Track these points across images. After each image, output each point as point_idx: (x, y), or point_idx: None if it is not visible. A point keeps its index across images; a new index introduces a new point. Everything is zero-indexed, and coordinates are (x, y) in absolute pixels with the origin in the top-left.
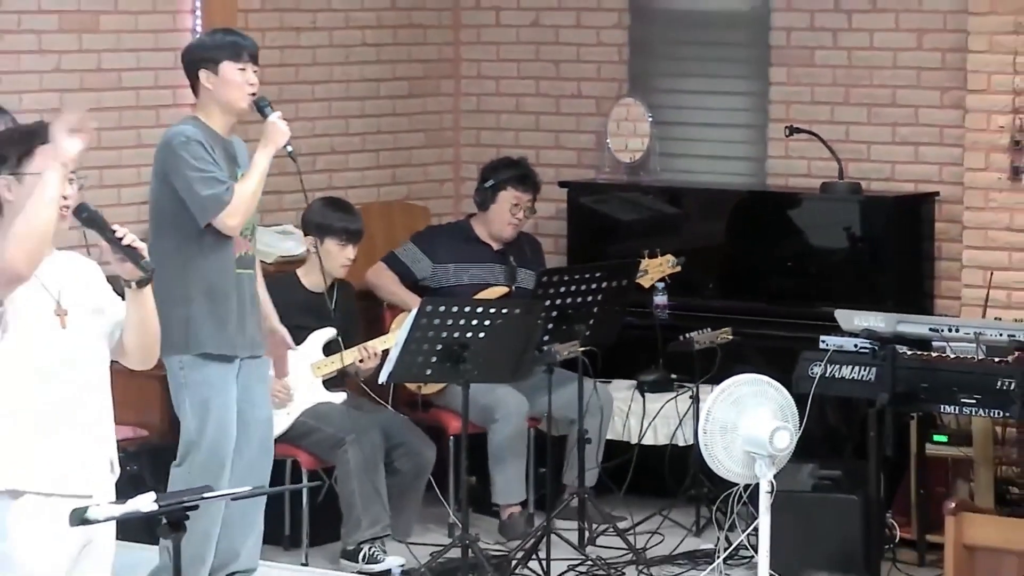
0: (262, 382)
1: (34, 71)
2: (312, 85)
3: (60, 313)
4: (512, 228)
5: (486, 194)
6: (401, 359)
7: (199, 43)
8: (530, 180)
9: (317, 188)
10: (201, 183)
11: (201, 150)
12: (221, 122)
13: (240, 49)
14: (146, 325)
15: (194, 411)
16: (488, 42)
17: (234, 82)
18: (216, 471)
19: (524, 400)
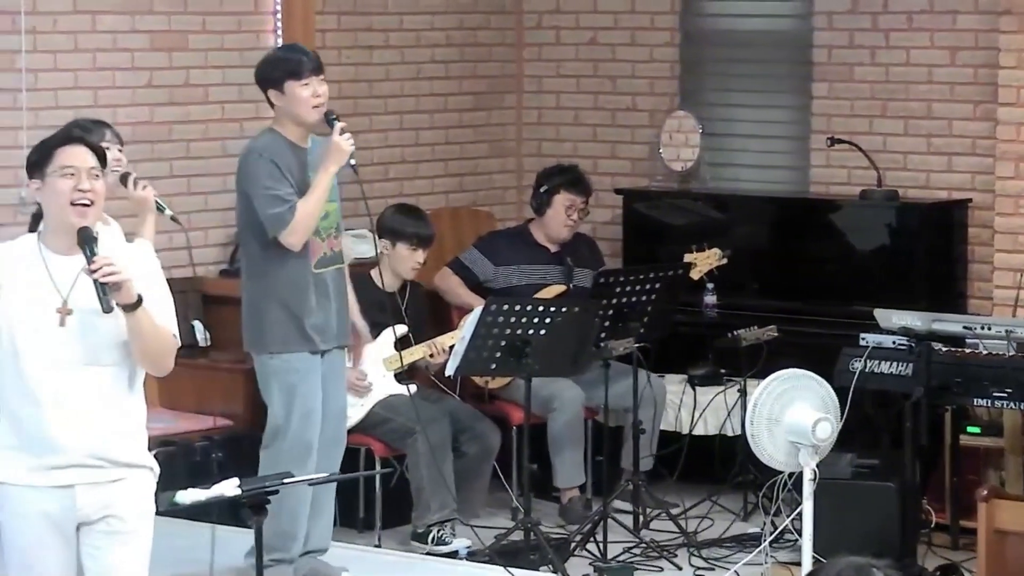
0: (339, 374)
1: (127, 87)
2: (385, 99)
3: (62, 311)
4: (568, 229)
5: (542, 199)
6: (467, 354)
7: (264, 64)
8: (582, 183)
9: (389, 195)
10: (266, 201)
11: (271, 167)
12: (296, 132)
13: (299, 67)
14: (142, 343)
15: (281, 398)
16: (549, 59)
17: (299, 99)
18: (302, 454)
19: (580, 390)
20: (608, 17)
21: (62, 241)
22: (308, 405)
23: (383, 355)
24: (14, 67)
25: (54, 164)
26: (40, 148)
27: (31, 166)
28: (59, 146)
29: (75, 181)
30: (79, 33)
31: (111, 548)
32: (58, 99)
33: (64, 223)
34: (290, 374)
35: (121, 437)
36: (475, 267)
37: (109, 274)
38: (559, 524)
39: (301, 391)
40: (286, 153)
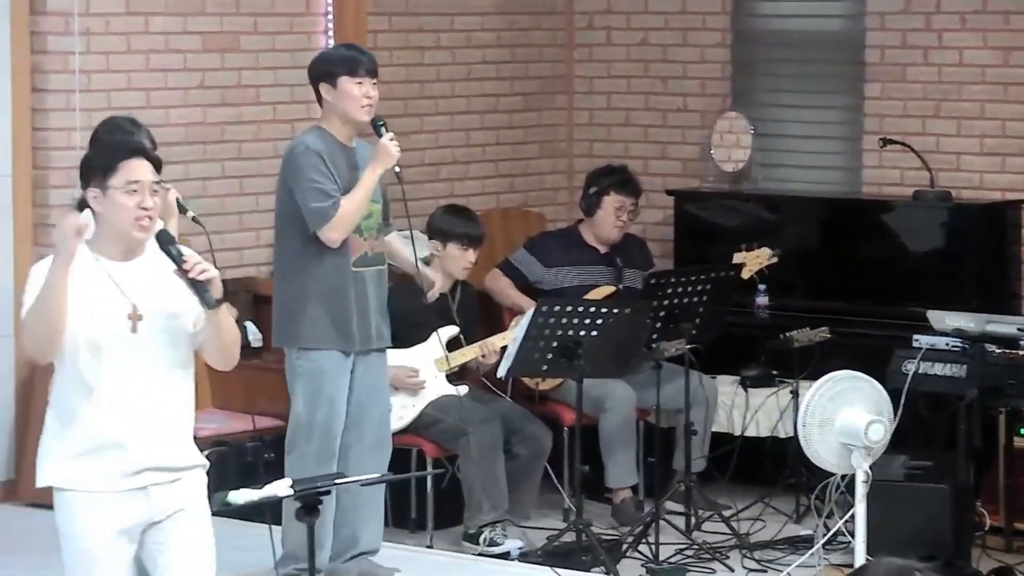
0: (381, 376)
1: (180, 87)
2: (436, 100)
3: (133, 317)
4: (617, 231)
5: (591, 200)
6: (519, 355)
7: (321, 57)
8: (632, 184)
9: (440, 196)
10: (311, 195)
11: (317, 160)
12: (342, 131)
13: (356, 64)
14: (220, 339)
15: (306, 397)
16: (600, 60)
17: (351, 95)
18: (327, 458)
19: (631, 390)
20: (659, 18)
21: (118, 248)
22: (333, 408)
23: (434, 356)
24: (67, 68)
25: (118, 178)
26: (102, 157)
27: (89, 172)
28: (124, 159)
29: (139, 198)
30: (132, 35)
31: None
32: (111, 100)
33: (124, 236)
34: (317, 374)
35: (188, 437)
36: (525, 268)
37: (203, 271)
38: (611, 525)
39: (327, 392)
40: (333, 150)
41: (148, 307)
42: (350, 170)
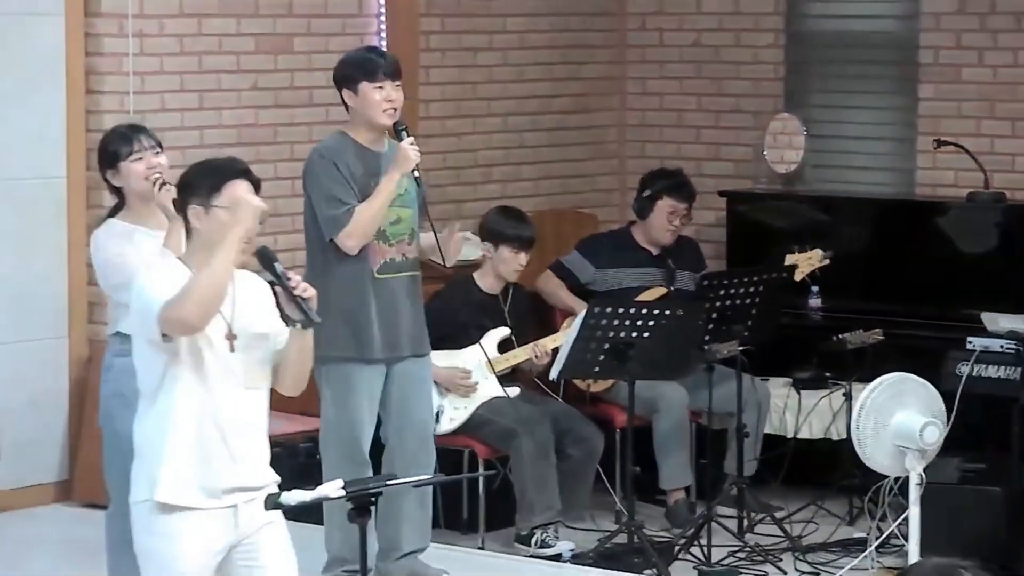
0: (421, 382)
1: (233, 89)
2: (488, 101)
3: (230, 337)
4: (670, 234)
5: (644, 203)
6: (571, 357)
7: (342, 63)
8: (686, 188)
9: (492, 197)
10: (324, 202)
11: (330, 167)
12: (367, 135)
13: (375, 68)
14: (303, 360)
15: (330, 406)
16: (652, 61)
17: (372, 101)
18: (358, 464)
19: (685, 392)
20: (712, 18)
21: None
22: (356, 416)
23: (486, 358)
24: (121, 70)
25: (223, 198)
26: (208, 176)
27: (191, 189)
28: (229, 179)
29: None
30: (185, 36)
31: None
32: (164, 102)
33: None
34: (340, 383)
35: (267, 455)
36: (576, 270)
37: (306, 289)
38: (663, 527)
39: (351, 402)
40: (351, 155)
41: (242, 327)
42: (371, 175)
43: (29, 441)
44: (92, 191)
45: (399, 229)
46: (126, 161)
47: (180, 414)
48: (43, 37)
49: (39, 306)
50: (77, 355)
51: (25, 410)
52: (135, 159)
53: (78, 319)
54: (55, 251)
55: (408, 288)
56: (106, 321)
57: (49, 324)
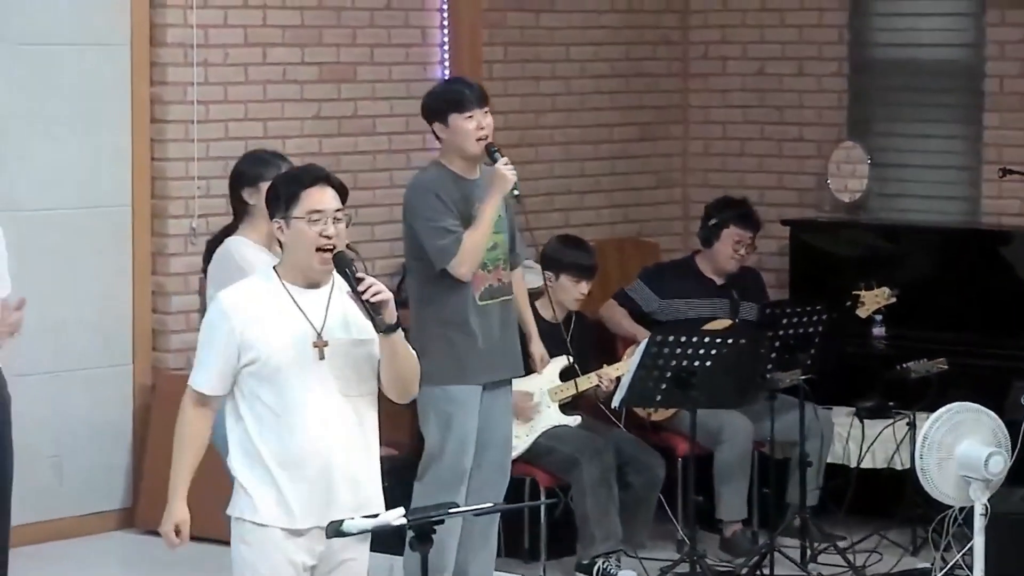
0: (504, 406)
1: (296, 118)
2: (551, 130)
3: (319, 344)
4: (735, 263)
5: (710, 232)
6: (633, 385)
7: (428, 98)
8: (752, 218)
9: (554, 226)
10: (431, 234)
11: (432, 199)
12: (461, 165)
13: (462, 100)
14: (396, 366)
15: (438, 427)
16: (715, 89)
17: (463, 131)
18: (454, 485)
19: (749, 422)
20: (775, 47)
21: (305, 277)
22: (463, 434)
23: (548, 385)
24: (186, 99)
25: (300, 207)
26: (285, 188)
27: (273, 204)
28: (305, 188)
29: (321, 227)
30: (249, 65)
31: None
32: (228, 131)
33: (308, 266)
34: (447, 404)
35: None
36: (640, 299)
37: (377, 293)
38: (723, 557)
39: (457, 420)
40: (450, 186)
41: (334, 335)
42: (469, 203)
43: (93, 468)
44: (156, 219)
45: (495, 255)
46: (266, 181)
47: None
48: (109, 67)
49: (104, 334)
50: (141, 383)
51: (89, 437)
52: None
53: (142, 347)
54: (119, 278)
55: (505, 312)
56: (169, 349)
57: (114, 352)
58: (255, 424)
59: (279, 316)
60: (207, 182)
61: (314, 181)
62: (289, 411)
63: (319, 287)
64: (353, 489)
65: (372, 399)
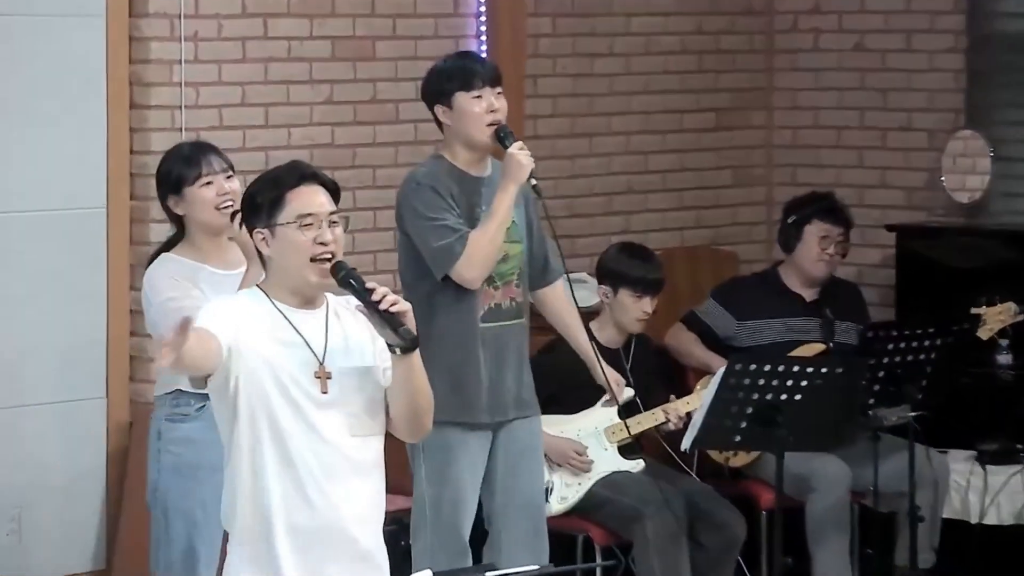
0: (531, 448)
1: (304, 103)
2: (608, 117)
3: (321, 375)
4: (824, 266)
5: (790, 232)
6: (707, 423)
7: (431, 74)
8: (837, 211)
9: (612, 232)
10: (432, 233)
11: (432, 195)
12: (467, 157)
13: (471, 76)
14: (413, 393)
15: (429, 480)
16: (805, 69)
17: (470, 114)
18: (457, 552)
19: (846, 469)
20: (878, 17)
21: (297, 297)
22: (461, 488)
23: (605, 424)
24: (172, 80)
25: (287, 212)
26: (264, 191)
27: (252, 212)
28: (291, 188)
29: (314, 232)
30: (248, 40)
31: None
32: (223, 118)
33: (302, 281)
34: (440, 451)
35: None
36: (714, 322)
37: (395, 303)
38: None
39: (452, 474)
40: (450, 181)
41: (335, 363)
42: (475, 204)
43: (59, 523)
44: (136, 224)
45: (507, 268)
46: (192, 186)
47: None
48: (80, 43)
49: (73, 361)
50: (117, 420)
51: (55, 486)
52: (204, 184)
53: (118, 377)
54: (92, 295)
55: (515, 339)
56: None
57: (84, 383)
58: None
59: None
60: None
61: (300, 180)
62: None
63: (315, 307)
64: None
65: (380, 439)
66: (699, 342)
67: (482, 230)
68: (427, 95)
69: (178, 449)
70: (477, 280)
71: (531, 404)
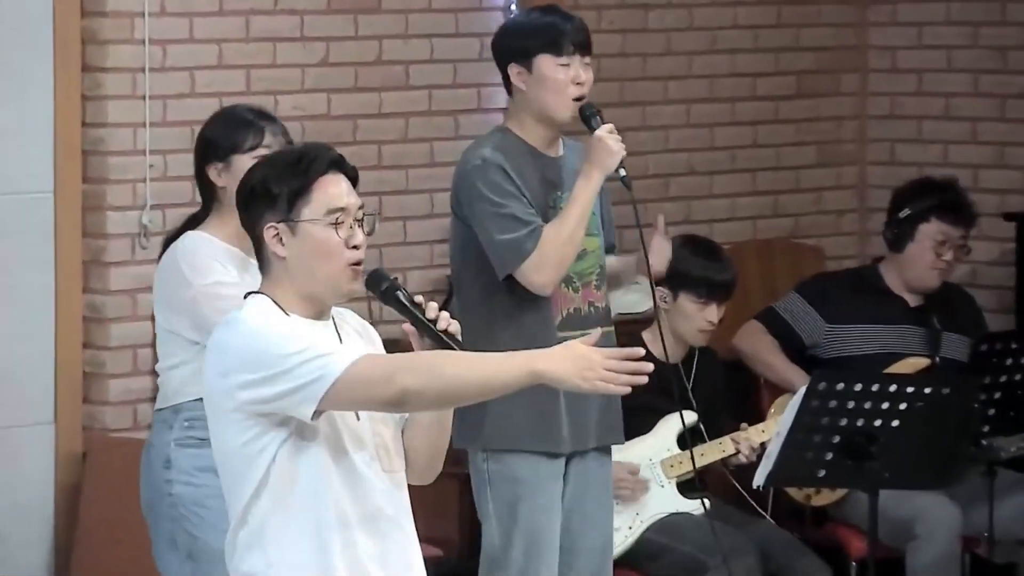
0: (601, 483)
1: (294, 64)
2: (664, 82)
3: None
4: (937, 274)
5: (902, 228)
6: (784, 455)
7: (509, 27)
8: (964, 210)
9: (671, 222)
10: (495, 224)
11: (501, 176)
12: (538, 134)
13: (560, 37)
14: (440, 428)
15: (499, 518)
16: (906, 22)
17: (552, 82)
18: None
19: (956, 511)
20: None
21: (312, 307)
22: (536, 530)
23: (663, 455)
24: (133, 37)
25: (315, 206)
26: (283, 177)
27: (263, 201)
28: (320, 176)
29: (345, 232)
30: None
31: None
32: (195, 83)
33: (330, 288)
34: (512, 484)
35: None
36: (797, 322)
37: (450, 322)
38: None
39: (525, 510)
40: (523, 159)
41: None
42: (550, 188)
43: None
44: (90, 212)
45: (585, 267)
46: (244, 154)
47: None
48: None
49: (13, 379)
50: (67, 450)
51: None
52: (259, 155)
53: (68, 398)
54: (37, 299)
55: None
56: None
57: (29, 406)
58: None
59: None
60: (163, 158)
61: (327, 166)
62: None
63: (325, 318)
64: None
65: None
66: (778, 349)
67: (559, 225)
68: (501, 51)
69: (200, 480)
70: (548, 286)
71: (616, 430)
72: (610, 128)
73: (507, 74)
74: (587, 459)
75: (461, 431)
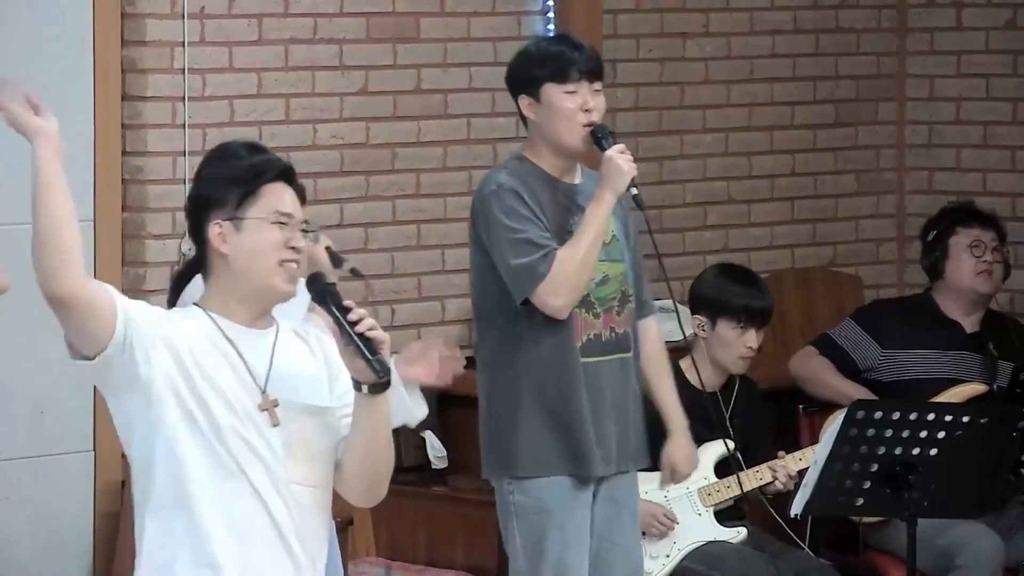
0: (629, 509)
1: (333, 93)
2: (702, 110)
3: (267, 406)
4: (986, 277)
5: (935, 251)
6: (822, 484)
7: (518, 57)
8: (983, 214)
9: (708, 250)
10: (510, 249)
11: (515, 201)
12: (554, 161)
13: (566, 66)
14: (374, 446)
15: (526, 550)
16: (945, 51)
17: (560, 110)
18: None
19: (998, 541)
20: None
21: (249, 310)
22: (564, 560)
23: (699, 484)
24: (173, 67)
25: (261, 205)
26: (237, 179)
27: (213, 199)
28: (269, 182)
29: (288, 234)
30: (265, 17)
31: None
32: (234, 111)
33: (264, 287)
34: (538, 513)
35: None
36: (853, 348)
37: (373, 327)
38: None
39: (554, 539)
40: (539, 185)
41: (281, 393)
42: (566, 214)
43: None
44: (129, 240)
45: (606, 292)
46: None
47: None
48: (62, 20)
49: (51, 407)
50: (106, 479)
51: (32, 557)
52: None
53: (107, 427)
54: None
55: (622, 375)
56: None
57: (68, 435)
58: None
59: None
60: None
61: (280, 175)
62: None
63: (263, 327)
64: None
65: (328, 491)
66: (834, 369)
67: (572, 249)
68: (512, 82)
69: None
70: (563, 309)
71: (642, 453)
72: (621, 148)
73: (519, 105)
74: (613, 483)
75: (489, 461)
